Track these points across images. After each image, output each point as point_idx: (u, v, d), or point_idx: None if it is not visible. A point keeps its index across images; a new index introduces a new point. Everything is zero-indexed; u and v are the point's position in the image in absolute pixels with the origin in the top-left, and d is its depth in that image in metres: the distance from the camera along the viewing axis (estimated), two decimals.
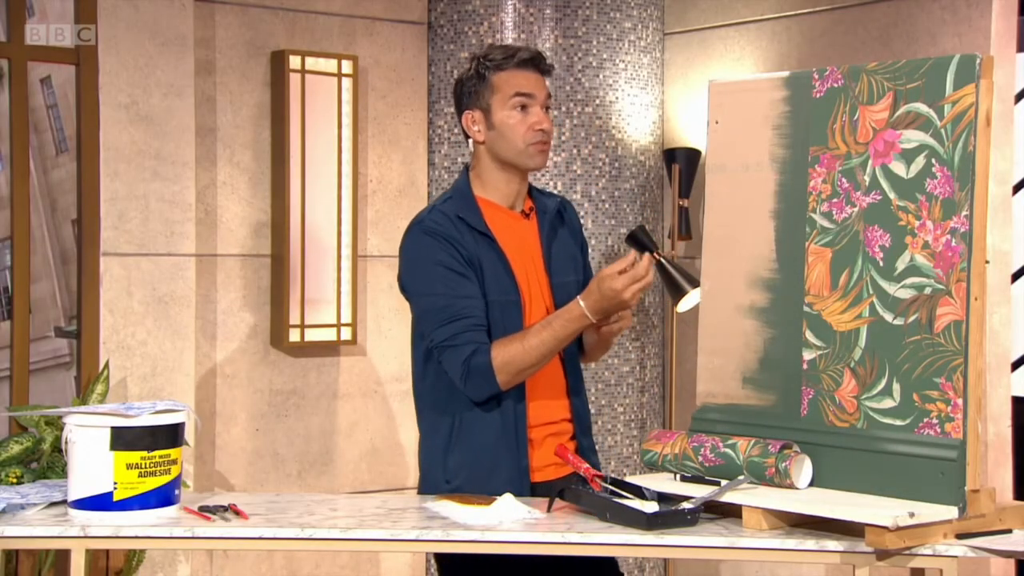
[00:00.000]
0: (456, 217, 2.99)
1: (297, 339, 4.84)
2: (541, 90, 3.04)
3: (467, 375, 2.91)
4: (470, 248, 2.96)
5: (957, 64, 2.57)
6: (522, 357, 2.90)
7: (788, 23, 4.88)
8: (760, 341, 2.86)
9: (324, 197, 4.88)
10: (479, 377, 2.91)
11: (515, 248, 3.03)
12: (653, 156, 5.26)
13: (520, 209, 3.09)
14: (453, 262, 2.95)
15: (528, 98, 3.01)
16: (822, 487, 2.71)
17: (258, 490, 4.81)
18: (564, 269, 3.10)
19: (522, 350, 2.90)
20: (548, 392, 3.04)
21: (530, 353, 2.90)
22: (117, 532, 2.74)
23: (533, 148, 3.01)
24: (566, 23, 5.06)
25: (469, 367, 2.90)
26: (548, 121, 3.03)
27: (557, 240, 3.12)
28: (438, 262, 2.95)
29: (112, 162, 4.46)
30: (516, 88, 3.01)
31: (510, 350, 2.90)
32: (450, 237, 2.96)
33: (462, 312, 2.93)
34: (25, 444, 4.10)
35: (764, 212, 2.85)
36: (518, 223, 3.08)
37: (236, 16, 4.79)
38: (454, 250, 2.95)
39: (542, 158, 3.04)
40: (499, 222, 3.04)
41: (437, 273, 2.95)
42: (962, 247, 2.55)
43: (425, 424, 3.07)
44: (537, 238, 3.09)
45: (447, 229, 2.97)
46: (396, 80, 5.15)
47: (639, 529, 2.62)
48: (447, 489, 2.93)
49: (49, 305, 4.62)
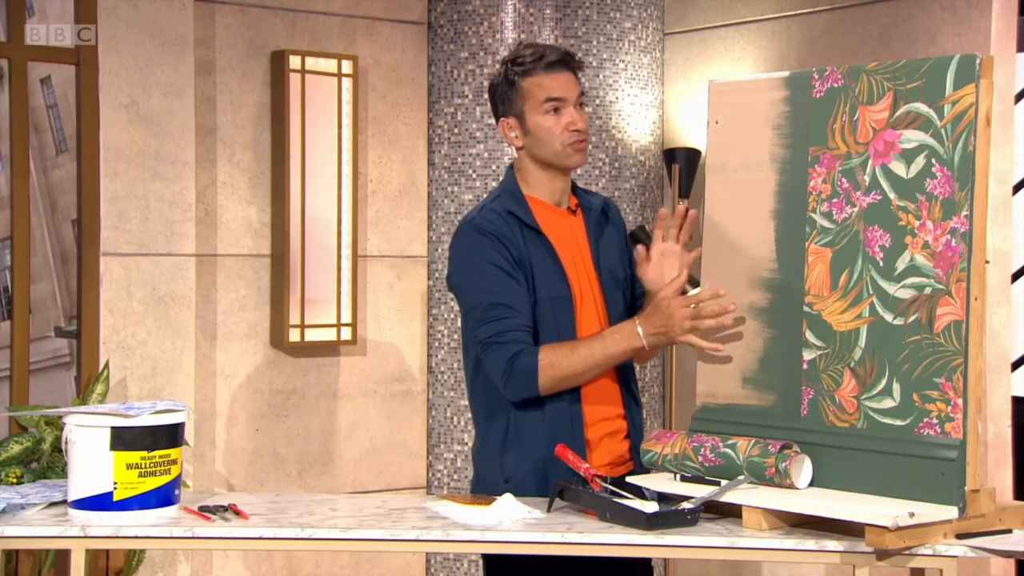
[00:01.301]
0: (507, 213, 3.00)
1: (297, 339, 4.84)
2: (572, 89, 3.03)
3: (509, 374, 2.91)
4: (520, 246, 2.98)
5: (957, 64, 2.57)
6: (568, 364, 2.90)
7: (788, 23, 4.88)
8: (760, 341, 2.86)
9: (324, 197, 4.88)
10: (521, 378, 2.90)
11: (564, 244, 3.04)
12: (653, 156, 5.26)
13: (566, 206, 3.10)
14: (503, 262, 2.95)
15: (559, 101, 3.01)
16: (822, 487, 2.70)
17: (258, 490, 4.81)
18: (612, 264, 3.11)
19: (569, 357, 2.90)
20: (601, 395, 3.03)
21: (577, 362, 2.90)
22: (117, 532, 2.74)
23: (570, 148, 3.02)
24: (566, 23, 5.06)
25: (513, 367, 2.90)
26: (582, 119, 3.03)
27: (604, 236, 3.13)
28: (489, 260, 2.96)
29: (112, 162, 4.46)
30: (547, 93, 3.01)
31: (557, 355, 2.90)
32: (501, 235, 2.97)
33: (509, 312, 2.93)
34: (25, 444, 4.10)
35: (764, 212, 2.85)
36: (566, 219, 3.09)
37: (236, 16, 4.79)
38: (505, 250, 2.96)
39: (581, 156, 3.05)
40: (548, 219, 3.05)
41: (488, 272, 2.96)
42: (962, 247, 2.55)
43: (480, 425, 3.07)
44: (584, 234, 3.10)
45: (499, 226, 2.98)
46: (396, 80, 5.15)
47: (639, 529, 2.62)
48: (505, 489, 2.91)
49: (49, 305, 4.62)
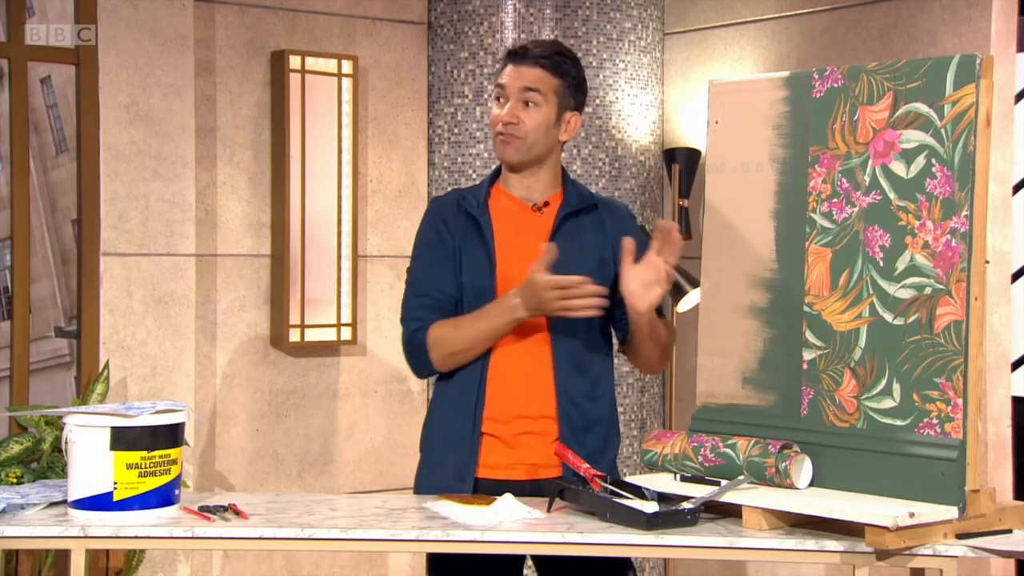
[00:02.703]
0: (460, 197, 3.08)
1: (297, 339, 4.84)
2: (516, 81, 3.00)
3: (409, 352, 3.03)
4: (457, 230, 3.03)
5: (957, 64, 2.57)
6: (453, 339, 2.97)
7: (788, 23, 4.88)
8: (760, 341, 2.86)
9: (324, 197, 4.88)
10: (415, 354, 3.01)
11: (512, 237, 3.03)
12: (653, 156, 5.26)
13: (535, 203, 3.07)
14: (435, 239, 3.04)
15: (500, 89, 3.04)
16: (822, 487, 2.70)
17: (258, 490, 4.81)
18: (571, 267, 2.92)
19: (454, 332, 2.97)
20: (521, 394, 2.99)
21: (462, 337, 2.97)
22: (117, 532, 2.74)
23: (497, 140, 3.05)
24: (566, 23, 5.06)
25: (411, 344, 3.01)
26: (510, 114, 2.99)
27: (575, 239, 3.03)
28: (423, 238, 3.07)
29: (112, 162, 4.46)
30: (496, 81, 3.07)
31: (444, 331, 2.98)
32: (441, 215, 3.06)
33: (423, 290, 3.02)
34: (25, 444, 4.10)
35: (764, 212, 2.85)
36: (526, 215, 3.06)
37: (236, 16, 4.79)
38: (437, 229, 3.04)
39: (504, 149, 3.02)
40: (504, 211, 3.06)
41: (418, 246, 3.08)
42: (962, 247, 2.55)
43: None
44: (549, 233, 3.02)
45: (443, 207, 3.07)
46: (396, 80, 5.15)
47: (639, 529, 2.62)
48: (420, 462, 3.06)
49: (49, 305, 4.61)
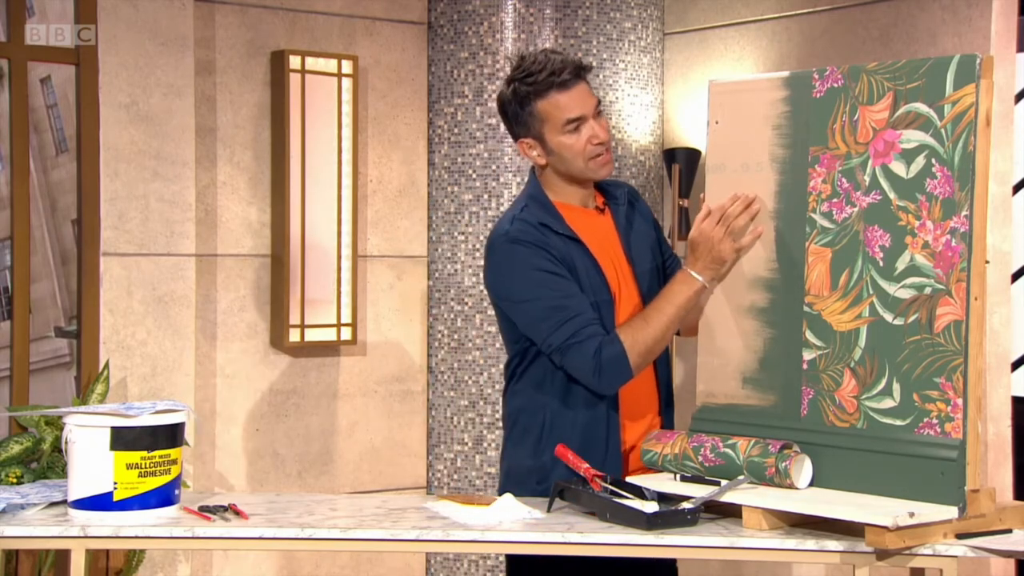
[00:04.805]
0: (539, 224, 2.96)
1: (297, 339, 4.84)
2: (588, 102, 2.97)
3: (599, 369, 2.88)
4: (561, 251, 2.94)
5: (957, 64, 2.57)
6: (647, 334, 2.89)
7: (788, 23, 4.88)
8: (760, 341, 2.86)
9: (324, 197, 4.88)
10: (613, 367, 2.88)
11: (598, 245, 3.02)
12: (653, 156, 5.25)
13: (594, 205, 3.08)
14: (550, 265, 2.92)
15: (579, 120, 2.96)
16: (822, 487, 2.70)
17: (258, 490, 4.81)
18: (644, 257, 3.08)
19: (645, 328, 2.89)
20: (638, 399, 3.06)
21: (654, 329, 2.90)
22: (117, 532, 2.74)
23: (595, 163, 2.98)
24: (566, 23, 5.06)
25: (601, 360, 2.88)
26: (603, 129, 2.98)
27: (633, 229, 3.10)
28: (536, 267, 2.92)
29: (112, 162, 4.46)
30: (565, 115, 2.95)
31: (634, 331, 2.89)
32: (539, 243, 2.94)
33: (575, 311, 2.90)
34: (25, 444, 4.10)
35: (764, 212, 2.85)
36: (596, 220, 3.07)
37: (236, 16, 4.79)
38: (547, 254, 2.93)
39: (607, 168, 3.02)
40: (579, 222, 3.02)
41: (538, 278, 2.92)
42: (962, 247, 2.55)
43: (515, 428, 3.05)
44: (615, 231, 3.07)
45: (534, 237, 2.94)
46: (396, 80, 5.15)
47: (639, 529, 2.62)
48: (536, 491, 2.92)
49: (49, 305, 4.61)
